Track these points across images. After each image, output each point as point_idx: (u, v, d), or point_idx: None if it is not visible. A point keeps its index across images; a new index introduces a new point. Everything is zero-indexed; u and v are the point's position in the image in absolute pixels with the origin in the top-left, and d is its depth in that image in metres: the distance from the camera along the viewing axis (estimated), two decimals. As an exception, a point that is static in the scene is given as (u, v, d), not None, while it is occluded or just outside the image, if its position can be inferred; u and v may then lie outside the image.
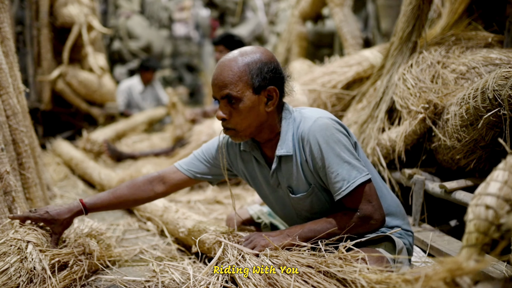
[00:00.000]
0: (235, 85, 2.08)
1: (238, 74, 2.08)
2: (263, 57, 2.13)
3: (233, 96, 2.09)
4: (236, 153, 2.46)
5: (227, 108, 2.14)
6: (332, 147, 2.07)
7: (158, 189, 2.51)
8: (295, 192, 2.26)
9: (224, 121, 2.17)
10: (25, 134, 3.03)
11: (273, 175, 2.30)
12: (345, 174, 2.06)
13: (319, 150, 2.10)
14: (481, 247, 1.31)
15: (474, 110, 2.55)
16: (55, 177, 4.97)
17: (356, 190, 2.07)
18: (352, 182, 2.06)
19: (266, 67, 2.11)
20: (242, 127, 2.16)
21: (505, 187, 1.35)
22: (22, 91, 3.28)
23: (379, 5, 5.43)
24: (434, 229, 2.94)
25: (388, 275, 1.56)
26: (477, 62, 2.96)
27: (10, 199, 2.70)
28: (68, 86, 6.60)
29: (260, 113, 2.15)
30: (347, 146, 2.10)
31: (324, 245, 2.02)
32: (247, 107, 2.11)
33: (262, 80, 2.10)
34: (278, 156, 2.22)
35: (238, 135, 2.19)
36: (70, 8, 6.37)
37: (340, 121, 2.19)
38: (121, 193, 2.47)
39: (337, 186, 2.08)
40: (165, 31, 13.58)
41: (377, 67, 3.77)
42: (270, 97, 2.15)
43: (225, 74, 2.10)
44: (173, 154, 5.65)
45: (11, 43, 3.14)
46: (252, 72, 2.09)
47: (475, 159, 2.76)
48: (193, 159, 2.54)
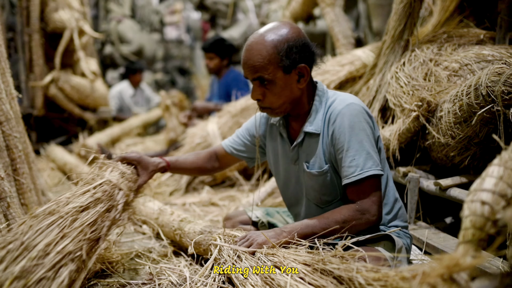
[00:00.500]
0: (266, 68, 2.12)
1: (267, 58, 2.11)
2: (290, 34, 2.14)
3: (265, 79, 2.14)
4: (266, 129, 2.55)
5: (261, 89, 2.19)
6: (357, 133, 2.10)
7: (215, 164, 2.72)
8: (310, 168, 2.28)
9: (259, 101, 2.23)
10: (18, 140, 3.01)
11: (293, 149, 2.34)
12: (361, 162, 2.08)
13: (344, 132, 2.12)
14: (478, 243, 1.31)
15: (468, 106, 2.55)
16: (49, 182, 4.96)
17: (365, 180, 2.09)
18: (365, 171, 2.08)
19: (295, 46, 2.12)
20: (277, 105, 2.22)
21: (500, 182, 1.35)
22: (15, 97, 3.27)
23: (370, 4, 5.44)
24: (429, 227, 2.94)
25: (385, 273, 1.56)
26: (470, 59, 2.97)
27: (5, 205, 2.69)
28: (61, 91, 6.59)
29: (293, 91, 2.20)
30: (370, 137, 2.13)
31: (322, 244, 2.02)
32: (280, 87, 2.16)
33: (291, 60, 2.12)
34: (305, 132, 2.27)
35: (274, 112, 2.26)
36: (61, 13, 6.35)
37: (370, 112, 2.22)
38: (193, 160, 2.67)
39: (349, 171, 2.10)
40: (156, 35, 13.57)
41: (370, 66, 3.78)
42: (301, 75, 2.18)
43: (255, 59, 2.13)
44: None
45: (3, 48, 3.12)
46: (281, 54, 2.11)
47: (469, 156, 2.77)
48: (235, 136, 2.69)
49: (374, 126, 2.22)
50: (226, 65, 5.98)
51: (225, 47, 5.92)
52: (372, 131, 2.17)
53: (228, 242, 2.24)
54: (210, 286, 2.11)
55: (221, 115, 4.85)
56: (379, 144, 2.25)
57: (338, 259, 1.80)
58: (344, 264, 1.73)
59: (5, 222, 2.66)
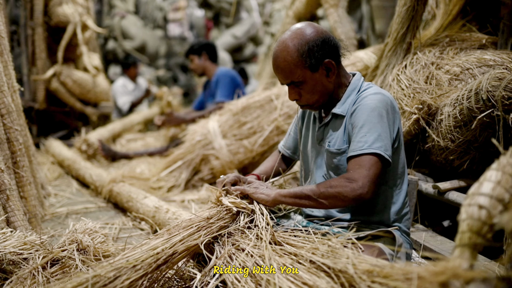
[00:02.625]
0: (294, 73, 2.23)
1: (293, 63, 2.21)
2: (309, 35, 2.23)
3: (296, 82, 2.26)
4: (305, 113, 2.64)
5: (295, 90, 2.31)
6: (376, 115, 2.15)
7: (283, 166, 2.80)
8: (331, 146, 2.34)
9: (297, 100, 2.35)
10: (19, 133, 3.02)
11: (320, 129, 2.42)
12: (371, 140, 2.11)
13: (363, 111, 2.18)
14: (474, 247, 1.32)
15: (468, 111, 2.56)
16: (49, 176, 4.97)
17: (367, 156, 2.10)
18: (371, 148, 2.10)
19: (315, 46, 2.21)
20: (313, 101, 2.32)
21: (498, 187, 1.36)
22: (17, 90, 3.28)
23: (374, 6, 5.44)
24: (427, 230, 2.95)
25: (381, 263, 1.56)
26: (471, 63, 2.98)
27: (5, 197, 2.70)
28: (63, 86, 6.58)
29: (325, 85, 2.29)
30: (389, 125, 2.17)
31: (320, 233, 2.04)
32: (311, 85, 2.26)
33: (316, 59, 2.21)
34: (333, 113, 2.34)
35: (313, 107, 2.38)
36: (65, 7, 6.35)
37: (397, 108, 2.28)
38: (272, 166, 2.75)
39: (357, 145, 2.13)
40: (159, 31, 13.57)
41: (372, 68, 3.78)
42: (329, 69, 2.26)
43: (282, 66, 2.25)
44: (167, 153, 5.65)
45: (6, 41, 3.13)
46: (304, 56, 2.20)
47: (468, 160, 2.77)
48: (288, 134, 2.80)
49: (396, 119, 2.24)
50: (210, 61, 6.15)
51: (198, 45, 6.15)
52: (393, 122, 2.21)
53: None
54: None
55: (222, 113, 4.85)
56: (399, 139, 2.27)
57: (328, 248, 1.79)
58: (337, 255, 1.72)
59: (4, 214, 2.67)
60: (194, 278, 2.13)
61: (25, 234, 2.42)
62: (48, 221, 3.53)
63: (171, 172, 4.68)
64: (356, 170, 2.10)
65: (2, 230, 2.41)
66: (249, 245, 2.00)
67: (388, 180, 2.28)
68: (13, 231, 2.44)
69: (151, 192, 4.20)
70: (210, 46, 6.23)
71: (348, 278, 1.58)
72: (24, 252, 2.27)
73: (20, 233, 2.41)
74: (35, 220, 3.10)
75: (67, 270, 2.22)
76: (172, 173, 4.67)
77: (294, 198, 2.19)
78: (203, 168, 4.64)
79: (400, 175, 2.30)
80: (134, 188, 3.98)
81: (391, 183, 2.29)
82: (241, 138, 4.60)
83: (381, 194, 2.27)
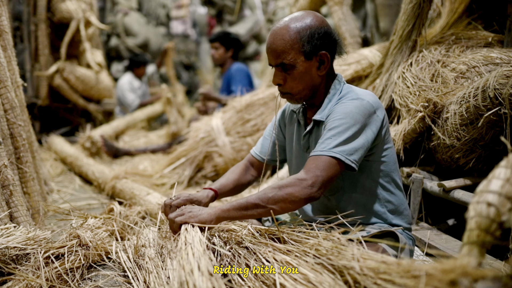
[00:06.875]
0: (288, 54, 2.16)
1: (289, 43, 2.15)
2: (313, 22, 2.18)
3: (286, 64, 2.18)
4: (286, 116, 2.59)
5: (282, 74, 2.23)
6: (348, 121, 2.09)
7: (253, 173, 2.70)
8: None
9: (280, 86, 2.27)
10: (22, 129, 3.02)
11: (305, 137, 2.36)
12: (334, 143, 2.07)
13: (337, 114, 2.13)
14: (482, 244, 1.31)
15: (475, 108, 2.55)
16: (52, 172, 4.97)
17: (326, 157, 2.06)
18: (331, 151, 2.05)
19: (317, 33, 2.16)
20: (297, 91, 2.25)
21: (507, 184, 1.34)
22: (20, 85, 3.28)
23: (378, 4, 5.42)
24: (431, 228, 2.94)
25: (388, 260, 1.54)
26: (477, 61, 2.96)
27: (8, 192, 2.69)
28: (66, 82, 6.58)
29: (313, 77, 2.23)
30: (365, 130, 2.11)
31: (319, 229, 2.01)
32: (300, 72, 2.19)
33: (313, 46, 2.16)
34: (314, 120, 2.28)
35: (294, 98, 2.29)
36: (68, 3, 6.35)
37: (382, 114, 2.21)
38: (234, 178, 2.62)
39: (320, 146, 2.09)
40: (162, 29, 13.56)
41: (376, 66, 3.77)
42: (322, 62, 2.22)
43: (277, 43, 2.18)
44: (170, 151, 5.65)
45: (9, 37, 3.13)
46: (303, 39, 2.15)
47: (474, 158, 2.76)
48: (262, 138, 2.70)
49: (377, 121, 2.17)
50: (231, 57, 6.03)
51: (230, 39, 6.04)
52: (374, 125, 2.15)
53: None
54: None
55: (226, 110, 4.84)
56: (387, 138, 2.24)
57: (332, 244, 1.78)
58: (342, 252, 1.70)
59: (8, 209, 2.67)
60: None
61: (28, 229, 2.42)
62: (51, 217, 3.53)
63: (174, 169, 4.68)
64: (309, 169, 2.07)
65: (6, 225, 2.40)
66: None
67: (382, 180, 2.26)
68: (16, 226, 2.44)
69: (154, 189, 4.19)
70: (240, 45, 6.21)
71: (353, 275, 1.57)
72: (27, 247, 2.26)
73: (23, 228, 2.41)
74: (38, 216, 3.10)
75: (70, 266, 2.22)
76: (175, 170, 4.67)
77: (240, 210, 2.10)
78: (206, 165, 4.63)
79: (393, 172, 2.29)
80: (137, 184, 3.98)
81: (385, 181, 2.27)
82: (245, 136, 4.59)
83: (378, 195, 2.26)
